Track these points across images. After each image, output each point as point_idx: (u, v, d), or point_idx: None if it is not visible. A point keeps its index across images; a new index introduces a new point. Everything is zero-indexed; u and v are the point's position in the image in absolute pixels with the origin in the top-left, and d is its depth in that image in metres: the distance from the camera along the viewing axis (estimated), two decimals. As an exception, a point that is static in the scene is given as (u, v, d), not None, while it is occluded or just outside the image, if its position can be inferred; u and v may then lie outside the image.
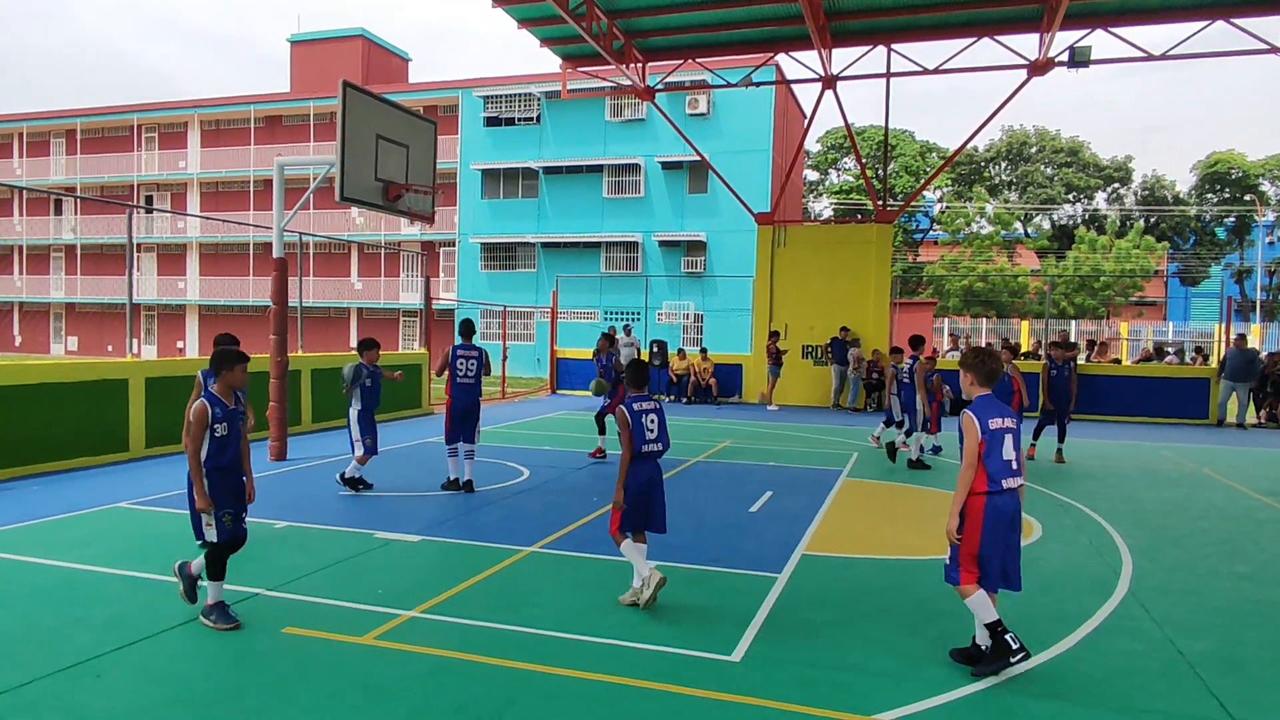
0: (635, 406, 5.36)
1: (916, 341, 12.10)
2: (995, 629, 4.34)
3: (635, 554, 5.38)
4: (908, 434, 11.33)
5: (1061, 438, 12.14)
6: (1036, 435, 12.23)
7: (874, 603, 5.58)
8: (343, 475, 8.83)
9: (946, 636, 4.98)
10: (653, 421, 5.43)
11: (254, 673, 4.28)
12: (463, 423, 8.85)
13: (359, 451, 8.66)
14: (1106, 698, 4.18)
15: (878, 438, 12.70)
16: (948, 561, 4.52)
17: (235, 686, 4.12)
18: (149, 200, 43.27)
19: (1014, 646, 4.29)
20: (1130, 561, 6.73)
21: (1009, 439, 4.36)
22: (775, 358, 19.44)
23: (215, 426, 4.80)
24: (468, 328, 9.13)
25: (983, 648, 4.46)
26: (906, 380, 11.40)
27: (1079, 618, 5.36)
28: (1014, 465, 4.35)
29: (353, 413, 8.75)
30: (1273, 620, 5.41)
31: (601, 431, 11.46)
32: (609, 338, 11.87)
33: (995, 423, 4.35)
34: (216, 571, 4.89)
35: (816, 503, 8.79)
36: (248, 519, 5.13)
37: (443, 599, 5.44)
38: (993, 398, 4.47)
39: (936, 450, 12.42)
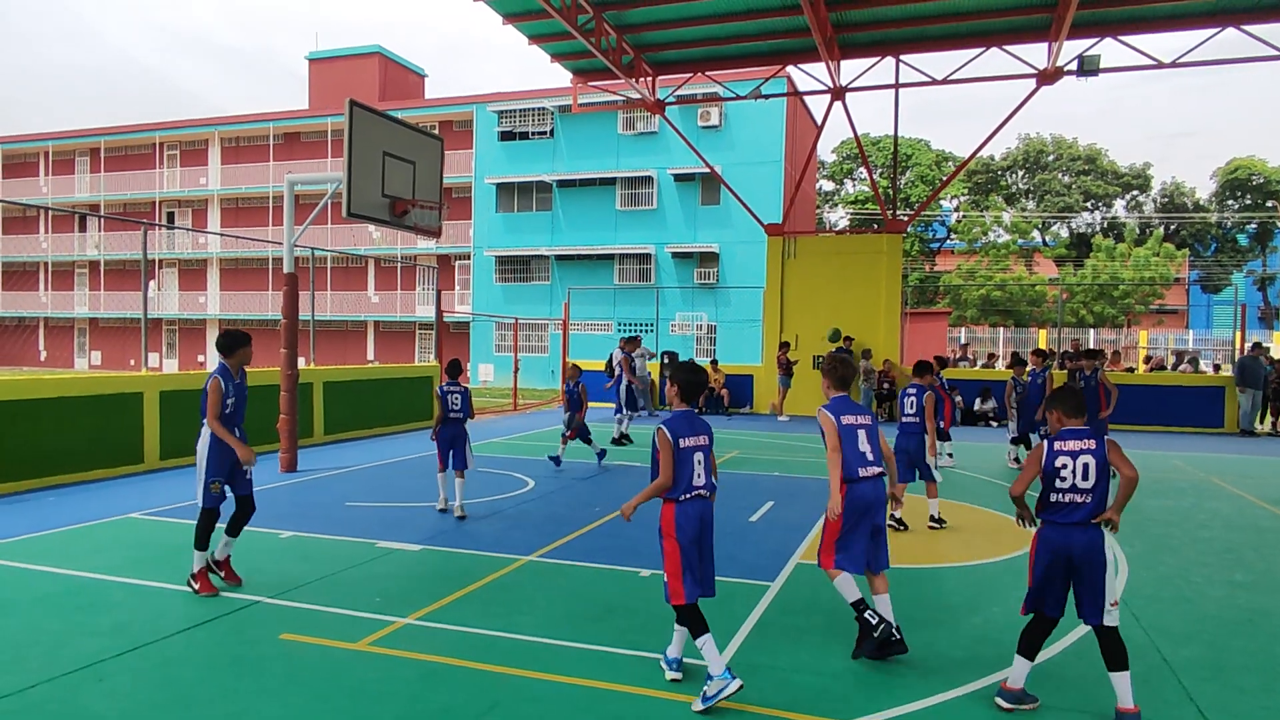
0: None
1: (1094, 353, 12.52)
2: (859, 608, 4.74)
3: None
4: None
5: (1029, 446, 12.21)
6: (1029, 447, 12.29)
7: (863, 610, 5.62)
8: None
9: (931, 643, 5.03)
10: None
11: (248, 677, 4.40)
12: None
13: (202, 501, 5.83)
14: (1084, 703, 4.22)
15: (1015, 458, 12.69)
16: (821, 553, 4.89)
17: (229, 690, 4.24)
18: (170, 217, 43.98)
19: (874, 623, 4.68)
20: (1126, 570, 6.74)
21: (863, 433, 4.84)
22: (786, 368, 19.48)
23: None
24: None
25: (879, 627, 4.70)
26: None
27: (1067, 625, 5.34)
28: (869, 456, 4.82)
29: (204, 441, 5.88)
30: (1263, 629, 5.41)
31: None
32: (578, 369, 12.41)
33: (848, 419, 4.83)
34: None
35: (816, 513, 8.81)
36: (249, 529, 5.22)
37: (437, 607, 5.54)
38: (848, 398, 4.94)
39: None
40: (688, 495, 4.34)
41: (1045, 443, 4.21)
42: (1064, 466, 4.09)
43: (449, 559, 6.84)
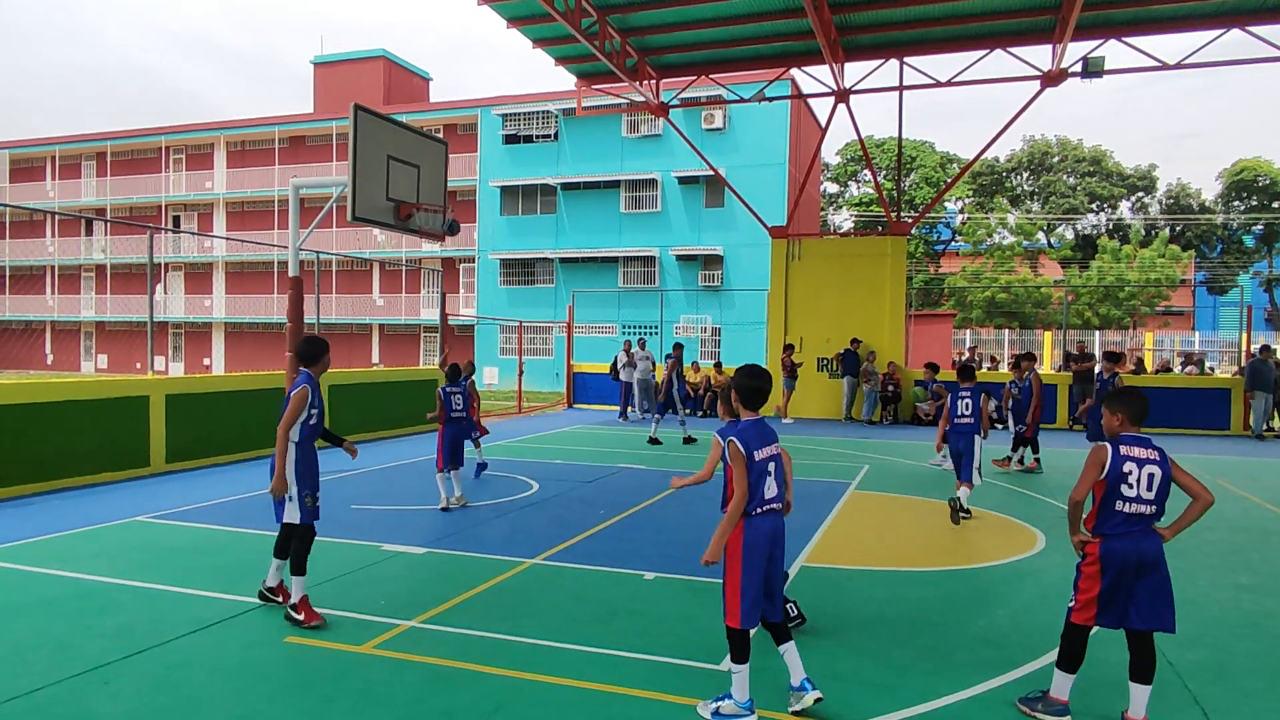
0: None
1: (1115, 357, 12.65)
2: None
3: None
4: None
5: (1035, 449, 12.36)
6: (1035, 449, 12.39)
7: (868, 614, 5.62)
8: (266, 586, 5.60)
9: (937, 647, 5.03)
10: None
11: (253, 680, 4.42)
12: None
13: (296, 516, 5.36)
14: (1091, 706, 4.21)
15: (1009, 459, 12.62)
16: None
17: (234, 693, 4.26)
18: (176, 221, 44.12)
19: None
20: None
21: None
22: (790, 371, 19.47)
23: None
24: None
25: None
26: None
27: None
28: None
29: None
30: (1268, 632, 5.40)
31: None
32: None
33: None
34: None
35: (821, 515, 8.83)
36: (254, 531, 5.22)
37: (442, 609, 5.56)
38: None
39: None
40: (760, 509, 4.06)
41: (1108, 446, 4.00)
42: (1130, 473, 3.92)
43: (453, 562, 6.85)
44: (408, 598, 5.81)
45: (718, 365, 21.71)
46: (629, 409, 20.31)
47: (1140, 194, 52.07)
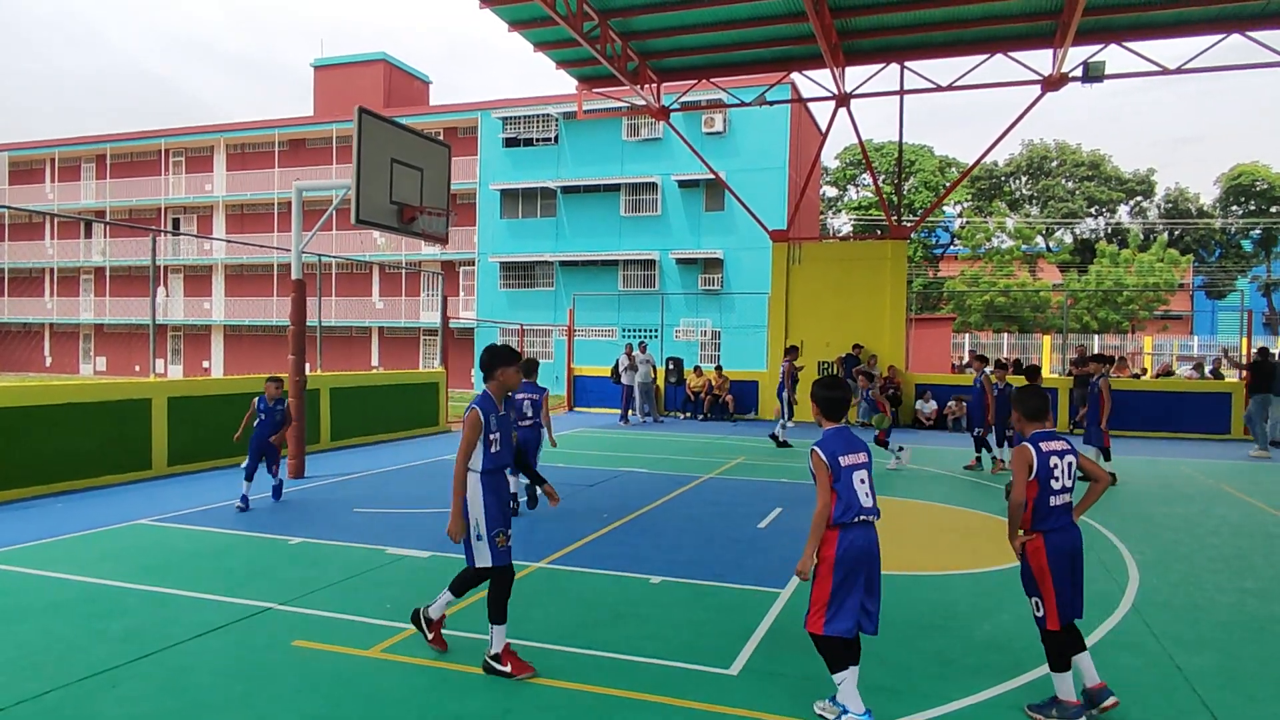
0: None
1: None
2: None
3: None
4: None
5: (980, 448, 12.74)
6: (980, 448, 12.73)
7: (874, 617, 5.62)
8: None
9: (943, 652, 5.03)
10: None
11: (262, 683, 4.41)
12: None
13: None
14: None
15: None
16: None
17: (243, 696, 4.25)
18: (176, 223, 44.10)
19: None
20: (1137, 577, 6.73)
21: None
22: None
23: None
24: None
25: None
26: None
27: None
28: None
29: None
30: (1275, 636, 5.40)
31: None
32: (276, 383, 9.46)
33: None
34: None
35: (825, 519, 8.81)
36: (259, 535, 5.21)
37: (448, 614, 5.53)
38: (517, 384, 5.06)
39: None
40: (856, 518, 3.97)
41: (1030, 446, 4.18)
42: (1055, 466, 4.16)
43: (458, 565, 6.75)
44: (413, 601, 5.77)
45: (719, 369, 21.71)
46: (630, 412, 20.30)
47: (1139, 198, 52.18)
